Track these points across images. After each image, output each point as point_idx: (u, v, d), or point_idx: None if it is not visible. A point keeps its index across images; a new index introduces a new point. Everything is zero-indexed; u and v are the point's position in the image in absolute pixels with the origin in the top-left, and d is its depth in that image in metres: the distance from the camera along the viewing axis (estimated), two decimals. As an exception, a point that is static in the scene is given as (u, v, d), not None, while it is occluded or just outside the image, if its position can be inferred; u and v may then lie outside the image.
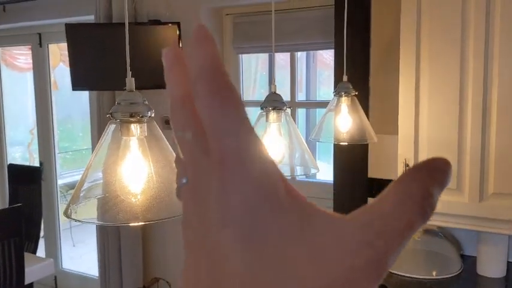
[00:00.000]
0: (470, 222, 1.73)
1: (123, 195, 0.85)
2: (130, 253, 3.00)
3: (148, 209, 0.85)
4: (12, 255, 2.06)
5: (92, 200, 0.86)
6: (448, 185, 0.25)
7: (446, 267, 1.94)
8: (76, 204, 0.86)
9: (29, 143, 4.78)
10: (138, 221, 0.83)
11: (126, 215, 0.83)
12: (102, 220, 0.86)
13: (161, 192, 0.87)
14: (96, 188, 0.87)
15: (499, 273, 1.90)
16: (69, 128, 6.64)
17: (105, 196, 0.85)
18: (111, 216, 0.84)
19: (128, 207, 0.84)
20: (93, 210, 0.86)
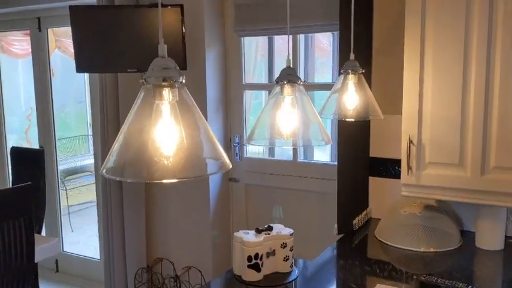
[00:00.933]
0: (472, 196, 1.79)
1: (157, 158, 0.90)
2: (133, 234, 3.04)
3: (180, 169, 0.89)
4: (22, 233, 2.09)
5: (126, 162, 0.90)
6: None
7: (446, 242, 2.01)
8: (110, 166, 0.90)
9: (26, 129, 4.77)
10: (172, 178, 0.87)
11: (160, 174, 0.87)
12: (138, 178, 0.90)
13: (192, 154, 0.92)
14: (130, 151, 0.90)
15: (497, 246, 1.97)
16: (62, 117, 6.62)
17: (139, 157, 0.89)
18: (146, 175, 0.88)
19: (161, 167, 0.88)
20: (130, 172, 0.89)
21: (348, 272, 1.81)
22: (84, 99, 5.98)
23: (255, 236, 1.74)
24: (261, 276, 1.73)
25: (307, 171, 2.77)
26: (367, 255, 2.03)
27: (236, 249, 1.76)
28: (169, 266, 2.98)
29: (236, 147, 2.96)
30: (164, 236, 3.07)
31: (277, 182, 2.86)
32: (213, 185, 2.92)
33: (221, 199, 2.98)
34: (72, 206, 5.23)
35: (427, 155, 1.84)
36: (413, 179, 1.87)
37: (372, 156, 2.37)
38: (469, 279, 1.69)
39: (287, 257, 1.78)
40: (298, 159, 2.81)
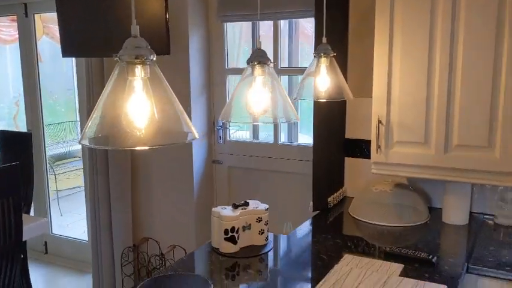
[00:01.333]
0: (437, 172, 1.90)
1: (129, 129, 0.98)
2: (120, 216, 3.13)
3: (151, 139, 0.98)
4: (10, 212, 2.17)
5: (102, 133, 0.99)
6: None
7: (415, 217, 2.13)
8: (87, 136, 0.99)
9: (14, 114, 4.82)
10: (143, 146, 0.96)
11: (133, 142, 0.96)
12: (112, 146, 0.99)
13: (162, 125, 1.01)
14: (105, 122, 0.99)
15: (462, 221, 2.09)
16: (51, 104, 6.65)
17: (114, 129, 0.98)
18: (119, 143, 0.97)
19: (134, 137, 0.97)
20: (105, 141, 0.98)
21: (320, 244, 1.92)
22: (72, 86, 6.03)
23: (232, 211, 1.84)
24: (237, 248, 1.83)
25: (289, 153, 2.87)
26: (339, 230, 2.14)
27: (214, 223, 1.86)
28: (154, 245, 3.08)
29: (219, 130, 3.05)
30: (150, 216, 3.16)
31: (260, 164, 2.96)
32: (197, 167, 3.01)
33: (205, 181, 3.08)
34: (61, 191, 5.30)
35: (395, 135, 1.95)
36: (382, 157, 1.98)
37: (347, 138, 2.47)
38: (432, 251, 1.80)
39: (262, 230, 1.88)
40: (279, 141, 2.91)
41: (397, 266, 1.68)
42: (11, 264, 2.24)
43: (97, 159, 3.13)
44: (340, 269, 1.66)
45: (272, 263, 1.79)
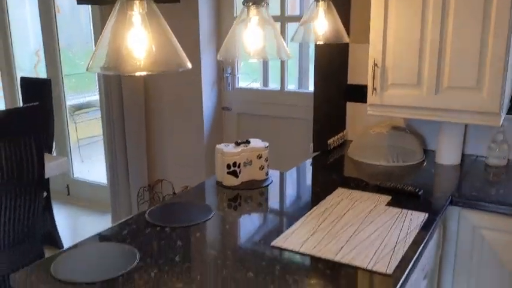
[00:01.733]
0: (428, 113, 2.00)
1: (129, 60, 1.11)
2: (135, 159, 3.32)
3: (148, 67, 1.11)
4: (33, 150, 2.35)
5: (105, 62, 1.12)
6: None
7: (409, 157, 2.24)
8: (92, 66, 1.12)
9: (35, 64, 4.99)
10: (142, 71, 1.09)
11: (133, 69, 1.09)
12: (114, 72, 1.11)
13: (158, 56, 1.13)
14: (108, 53, 1.12)
15: (454, 161, 2.20)
16: (70, 57, 6.81)
17: (115, 60, 1.11)
18: (121, 70, 1.10)
19: (134, 66, 1.10)
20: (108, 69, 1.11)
21: (316, 180, 2.06)
22: (90, 39, 6.15)
23: (234, 148, 1.99)
24: (239, 181, 1.99)
25: (295, 99, 2.98)
26: (336, 169, 2.27)
27: (217, 159, 2.01)
28: (168, 185, 3.27)
29: (228, 78, 3.17)
30: (163, 160, 3.34)
31: (267, 111, 3.08)
32: (207, 114, 3.15)
33: (215, 127, 3.22)
34: (81, 139, 5.53)
35: (389, 77, 2.04)
36: (377, 99, 2.08)
37: (349, 83, 2.57)
38: (421, 186, 1.92)
39: (262, 166, 2.03)
40: (285, 89, 3.02)
41: (385, 197, 1.81)
42: (34, 200, 2.44)
43: (113, 109, 3.29)
44: (332, 199, 1.80)
45: (271, 195, 1.95)
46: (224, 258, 1.39)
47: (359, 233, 1.52)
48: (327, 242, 1.47)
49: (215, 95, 3.19)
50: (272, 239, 1.50)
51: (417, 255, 1.40)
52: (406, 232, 1.53)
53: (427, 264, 1.64)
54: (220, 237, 1.55)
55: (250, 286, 1.24)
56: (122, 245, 1.46)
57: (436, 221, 1.61)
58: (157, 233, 1.55)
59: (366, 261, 1.35)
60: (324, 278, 1.28)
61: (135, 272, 1.31)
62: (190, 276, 1.29)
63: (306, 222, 1.62)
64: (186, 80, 3.10)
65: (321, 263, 1.35)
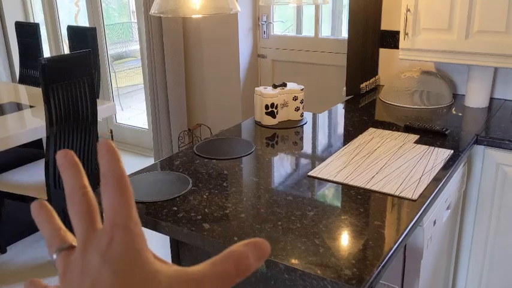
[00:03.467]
0: (458, 57, 2.09)
1: (187, 4, 1.26)
2: (176, 103, 3.51)
3: (204, 10, 1.25)
4: (86, 91, 2.56)
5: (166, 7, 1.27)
6: (266, 257, 0.34)
7: (439, 100, 2.35)
8: (155, 11, 1.28)
9: (75, 14, 5.17)
10: (198, 14, 1.24)
11: (190, 11, 1.24)
12: (173, 15, 1.26)
13: (213, 1, 1.27)
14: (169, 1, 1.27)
15: (481, 104, 2.30)
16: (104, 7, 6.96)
17: (175, 5, 1.26)
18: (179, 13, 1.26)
19: (191, 9, 1.25)
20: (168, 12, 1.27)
21: (348, 121, 2.20)
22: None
23: (272, 90, 2.14)
24: (276, 121, 2.15)
25: (329, 46, 3.07)
26: (368, 111, 2.40)
27: (256, 101, 2.16)
28: (206, 130, 3.47)
29: (263, 26, 3.27)
30: (202, 106, 3.52)
31: (301, 57, 3.19)
32: (243, 61, 3.29)
33: (250, 73, 3.36)
34: (120, 88, 5.77)
35: (421, 22, 2.12)
36: (409, 44, 2.17)
37: (383, 29, 2.64)
38: (448, 126, 2.05)
39: (298, 107, 2.18)
40: (319, 35, 3.11)
41: (413, 136, 1.95)
42: (89, 138, 2.67)
43: (155, 57, 3.45)
44: (363, 138, 1.95)
45: (306, 134, 2.10)
46: (266, 185, 1.57)
47: (388, 166, 1.67)
48: (359, 173, 1.63)
49: (251, 42, 3.31)
50: (308, 170, 1.67)
51: (440, 185, 1.54)
52: (431, 165, 1.67)
53: (450, 196, 1.79)
54: (261, 168, 1.73)
55: (290, 206, 1.42)
56: (176, 173, 1.66)
57: (460, 156, 1.74)
58: (205, 164, 1.74)
59: (394, 188, 1.50)
60: (355, 202, 1.44)
61: (190, 194, 1.51)
62: (237, 198, 1.48)
63: (339, 156, 1.78)
64: (223, 29, 3.22)
65: (353, 190, 1.52)
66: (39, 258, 2.86)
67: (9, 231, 2.99)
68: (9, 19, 4.51)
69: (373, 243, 1.22)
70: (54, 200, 2.59)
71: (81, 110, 2.55)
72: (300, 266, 1.13)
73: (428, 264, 1.65)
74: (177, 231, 1.33)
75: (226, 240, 1.24)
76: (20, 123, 2.69)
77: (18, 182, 2.72)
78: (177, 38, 3.39)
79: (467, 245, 2.07)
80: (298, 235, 1.26)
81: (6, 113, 2.88)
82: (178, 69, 3.43)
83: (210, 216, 1.37)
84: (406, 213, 1.37)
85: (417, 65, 2.52)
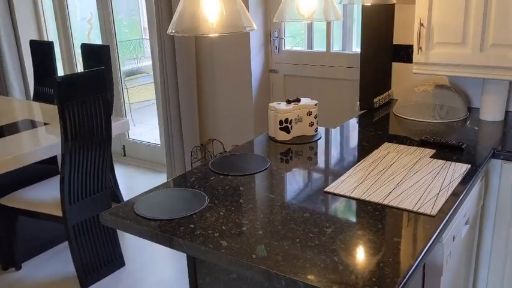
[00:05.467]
0: (473, 70, 2.08)
1: (204, 23, 1.27)
2: (188, 119, 3.53)
3: (220, 29, 1.26)
4: (101, 108, 2.58)
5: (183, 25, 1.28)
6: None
7: (453, 114, 2.33)
8: (172, 30, 1.29)
9: (88, 32, 5.24)
10: (214, 33, 1.25)
11: (207, 31, 1.25)
12: (190, 34, 1.27)
13: (228, 19, 1.28)
14: (185, 18, 1.28)
15: (497, 118, 2.28)
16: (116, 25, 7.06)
17: (191, 24, 1.27)
18: (196, 32, 1.26)
19: (207, 28, 1.26)
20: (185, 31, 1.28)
21: (363, 135, 2.19)
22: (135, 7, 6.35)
23: (286, 105, 2.14)
24: (291, 137, 2.15)
25: (341, 61, 3.08)
26: (382, 125, 2.39)
27: (270, 116, 2.17)
28: (219, 145, 3.48)
29: (275, 41, 3.29)
30: (214, 121, 3.54)
31: (313, 72, 3.20)
32: (255, 76, 3.30)
33: (262, 88, 3.37)
34: (132, 104, 5.81)
35: (435, 36, 2.12)
36: (422, 58, 2.17)
37: (396, 44, 2.65)
38: (464, 140, 2.03)
39: (312, 123, 2.18)
40: (331, 50, 3.12)
41: (429, 151, 1.93)
42: (104, 155, 2.69)
43: (167, 73, 3.48)
44: (379, 153, 1.94)
45: (320, 149, 2.10)
46: (282, 201, 1.56)
47: (405, 181, 1.66)
48: (376, 188, 1.62)
49: (262, 57, 3.33)
50: (324, 186, 1.66)
51: (459, 200, 1.53)
52: (449, 180, 1.65)
53: (468, 211, 1.77)
54: (277, 184, 1.73)
55: (307, 223, 1.41)
56: (192, 190, 1.66)
57: (478, 171, 1.73)
58: (221, 180, 1.74)
59: (412, 204, 1.49)
60: (373, 218, 1.43)
61: (207, 211, 1.50)
62: (254, 215, 1.47)
63: (355, 172, 1.77)
64: (235, 45, 3.25)
65: (370, 205, 1.51)
66: (54, 275, 2.87)
67: (24, 248, 3.00)
68: (24, 37, 4.58)
69: (393, 260, 1.21)
70: (70, 216, 2.60)
71: (95, 126, 2.57)
72: (320, 284, 1.12)
73: (448, 280, 1.62)
74: (195, 249, 1.33)
75: (244, 258, 1.24)
76: (35, 141, 2.72)
77: (33, 198, 2.74)
78: (190, 53, 3.41)
79: (485, 260, 2.04)
80: (316, 252, 1.25)
81: (20, 131, 2.92)
82: (190, 85, 3.46)
83: (228, 234, 1.36)
84: (426, 230, 1.35)
85: (431, 78, 2.51)
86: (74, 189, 2.58)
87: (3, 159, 2.45)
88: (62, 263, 2.97)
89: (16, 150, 2.55)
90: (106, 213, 1.53)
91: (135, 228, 1.45)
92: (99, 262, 2.79)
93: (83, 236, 2.70)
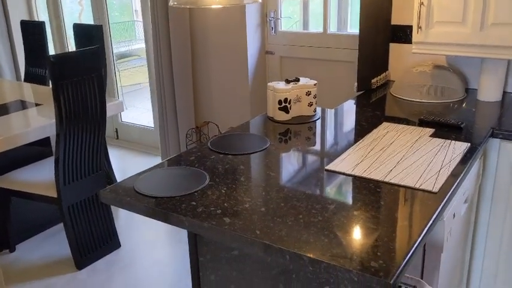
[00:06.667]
0: (472, 50, 2.08)
1: None
2: (183, 102, 3.49)
3: (224, 1, 1.24)
4: (96, 88, 2.54)
5: None
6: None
7: (451, 95, 2.33)
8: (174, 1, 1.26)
9: (79, 13, 5.15)
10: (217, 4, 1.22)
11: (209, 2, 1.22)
12: (193, 6, 1.25)
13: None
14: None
15: (495, 98, 2.28)
16: (107, 7, 6.96)
17: None
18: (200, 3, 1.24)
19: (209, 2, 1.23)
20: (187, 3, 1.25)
21: (361, 115, 2.18)
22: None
23: (285, 85, 2.12)
24: (289, 117, 2.13)
25: (337, 42, 3.06)
26: (380, 106, 2.38)
27: (269, 96, 2.15)
28: (214, 127, 3.45)
29: (271, 21, 3.25)
30: (209, 103, 3.51)
31: (309, 54, 3.18)
32: (251, 57, 3.27)
33: (258, 70, 3.35)
34: (124, 87, 5.75)
35: (435, 15, 2.11)
36: (422, 37, 2.16)
37: (394, 24, 2.63)
38: (462, 120, 2.03)
39: (311, 103, 2.16)
40: (328, 31, 3.09)
41: (428, 130, 1.93)
42: (98, 136, 2.66)
43: (161, 55, 3.44)
44: (378, 132, 1.94)
45: (319, 129, 2.09)
46: (284, 179, 1.55)
47: (406, 159, 1.66)
48: (376, 166, 1.61)
49: (259, 38, 3.29)
50: (325, 164, 1.65)
51: (460, 177, 1.53)
52: (450, 158, 1.65)
53: (467, 190, 1.78)
54: (278, 163, 1.72)
55: (309, 200, 1.40)
56: (192, 168, 1.65)
57: (478, 149, 1.73)
58: (221, 159, 1.72)
59: (413, 181, 1.49)
60: (375, 195, 1.43)
61: (208, 189, 1.49)
62: (256, 193, 1.46)
63: (355, 151, 1.76)
64: (231, 25, 3.21)
65: (372, 183, 1.50)
66: (48, 256, 2.85)
67: (18, 230, 2.98)
68: (14, 18, 4.50)
69: (397, 236, 1.21)
70: (64, 197, 2.58)
71: (90, 106, 2.54)
72: (324, 258, 1.12)
73: (448, 256, 1.63)
74: (197, 226, 1.32)
75: (248, 234, 1.23)
76: (26, 122, 2.68)
77: (27, 180, 2.71)
78: (185, 35, 3.37)
79: (482, 238, 2.05)
80: (320, 228, 1.25)
81: (10, 112, 2.87)
82: (185, 67, 3.42)
83: (230, 211, 1.35)
84: (428, 206, 1.35)
85: (429, 59, 2.50)
86: (69, 170, 2.56)
87: (-3, 139, 2.42)
88: (56, 244, 2.96)
89: (7, 131, 2.51)
90: (106, 191, 1.51)
91: (136, 205, 1.43)
92: (94, 243, 2.78)
93: (78, 217, 2.68)
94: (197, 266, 1.57)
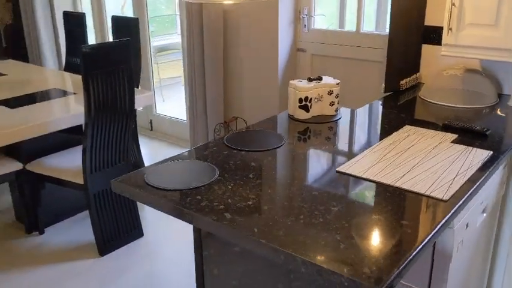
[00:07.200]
0: (504, 54, 1.98)
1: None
2: (213, 96, 3.52)
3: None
4: (124, 80, 2.60)
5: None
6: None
7: (482, 100, 2.24)
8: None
9: (122, 5, 5.28)
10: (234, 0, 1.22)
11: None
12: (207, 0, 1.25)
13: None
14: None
15: (529, 105, 2.18)
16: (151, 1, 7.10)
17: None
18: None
19: None
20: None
21: (385, 117, 2.13)
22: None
23: (307, 83, 2.10)
24: (310, 116, 2.11)
25: (371, 41, 3.00)
26: (406, 108, 2.32)
27: (290, 93, 2.13)
28: (242, 123, 3.46)
29: (304, 19, 3.23)
30: (239, 99, 3.52)
31: (341, 52, 3.13)
32: (282, 54, 3.26)
33: (289, 67, 3.33)
34: (163, 79, 5.86)
35: (466, 17, 2.03)
36: (452, 39, 2.08)
37: (427, 25, 2.55)
38: (489, 127, 1.95)
39: (333, 102, 2.13)
40: (361, 30, 3.04)
41: (451, 135, 1.87)
42: (126, 127, 2.72)
43: (194, 50, 3.47)
44: (398, 135, 1.89)
45: (339, 129, 2.05)
46: (292, 178, 1.54)
47: (421, 165, 1.61)
48: (389, 170, 1.57)
49: (291, 36, 3.27)
50: (337, 166, 1.63)
51: (475, 187, 1.47)
52: (467, 166, 1.59)
53: (486, 199, 1.71)
54: (290, 162, 1.70)
55: (314, 201, 1.39)
56: (204, 163, 1.66)
57: (500, 158, 1.66)
58: (234, 155, 1.73)
59: (424, 188, 1.44)
60: (383, 199, 1.40)
61: (215, 184, 1.50)
62: (262, 190, 1.46)
63: (371, 153, 1.72)
64: (263, 22, 3.20)
65: (381, 187, 1.47)
66: (74, 241, 2.95)
67: (48, 213, 3.09)
68: (58, 9, 4.66)
69: (398, 243, 1.17)
70: (90, 185, 2.65)
71: (119, 98, 2.60)
72: (317, 261, 1.10)
73: (459, 268, 1.58)
74: (199, 220, 1.33)
75: (245, 231, 1.23)
76: (62, 109, 2.77)
77: (57, 166, 2.81)
78: (217, 31, 3.39)
79: (504, 251, 1.97)
80: (320, 230, 1.23)
81: (51, 98, 2.98)
82: (217, 62, 3.44)
83: (233, 207, 1.36)
84: (435, 214, 1.31)
85: (461, 62, 2.42)
86: (96, 158, 2.63)
87: (31, 124, 2.52)
88: (82, 230, 3.05)
89: (44, 117, 2.61)
90: (117, 181, 1.55)
91: (144, 196, 1.46)
92: (117, 231, 2.85)
93: (103, 205, 2.75)
94: (201, 259, 1.58)
